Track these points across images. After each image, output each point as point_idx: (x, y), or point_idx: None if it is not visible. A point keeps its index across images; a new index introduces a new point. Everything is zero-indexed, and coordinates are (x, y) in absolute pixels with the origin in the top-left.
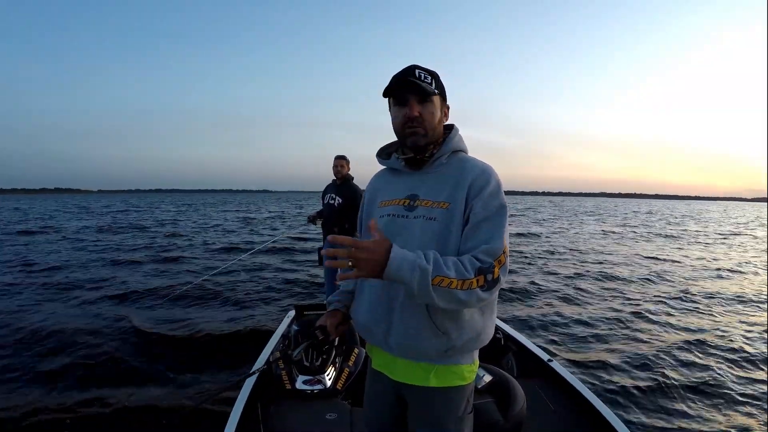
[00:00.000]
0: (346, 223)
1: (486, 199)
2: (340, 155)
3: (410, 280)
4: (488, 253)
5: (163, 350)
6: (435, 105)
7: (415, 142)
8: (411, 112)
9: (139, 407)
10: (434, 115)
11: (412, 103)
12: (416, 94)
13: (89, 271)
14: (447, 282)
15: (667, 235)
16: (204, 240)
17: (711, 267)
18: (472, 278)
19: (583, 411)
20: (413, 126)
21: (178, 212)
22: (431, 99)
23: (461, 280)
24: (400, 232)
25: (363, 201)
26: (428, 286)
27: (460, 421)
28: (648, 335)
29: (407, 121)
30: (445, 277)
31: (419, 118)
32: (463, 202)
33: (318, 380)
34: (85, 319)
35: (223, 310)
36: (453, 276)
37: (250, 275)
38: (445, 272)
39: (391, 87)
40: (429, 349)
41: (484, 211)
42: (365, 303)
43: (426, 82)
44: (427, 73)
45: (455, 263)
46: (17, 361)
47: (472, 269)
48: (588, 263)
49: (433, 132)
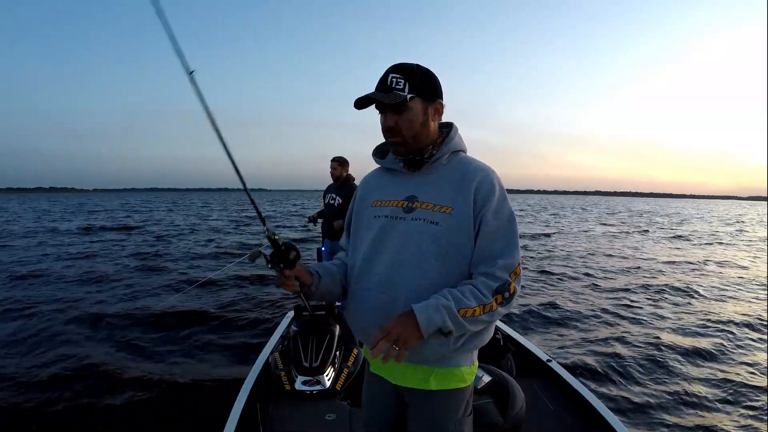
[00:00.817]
0: (341, 220)
1: (496, 207)
2: (335, 157)
3: (444, 322)
4: (505, 268)
5: (163, 351)
6: (413, 111)
7: (396, 152)
8: (386, 122)
9: (139, 408)
10: (413, 122)
11: (386, 114)
12: (387, 105)
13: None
14: (471, 312)
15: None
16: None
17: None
18: (491, 301)
19: (582, 411)
20: (391, 137)
21: (168, 211)
22: (407, 106)
23: (481, 305)
24: (397, 235)
25: (353, 199)
26: (459, 320)
27: (460, 422)
28: (648, 337)
29: (386, 132)
30: (468, 308)
31: (395, 128)
32: (470, 208)
33: (317, 381)
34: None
35: (221, 311)
36: (474, 305)
37: (249, 275)
38: (466, 303)
39: (356, 105)
40: (429, 351)
41: (495, 221)
42: (363, 306)
43: (398, 90)
44: (403, 78)
45: (472, 291)
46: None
47: (489, 292)
48: (588, 265)
49: (414, 139)
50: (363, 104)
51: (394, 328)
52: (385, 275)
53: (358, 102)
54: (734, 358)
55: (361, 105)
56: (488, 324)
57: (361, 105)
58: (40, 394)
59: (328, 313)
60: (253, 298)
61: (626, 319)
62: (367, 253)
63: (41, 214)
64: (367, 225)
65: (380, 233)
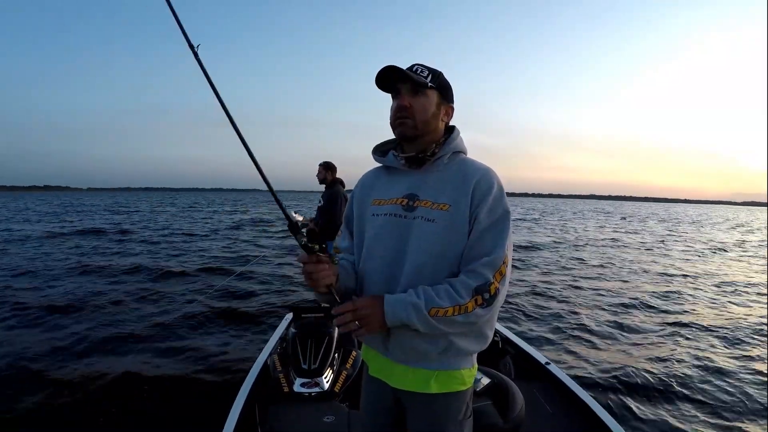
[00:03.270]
0: (320, 221)
1: (490, 205)
2: (321, 162)
3: (409, 319)
4: (489, 265)
5: (161, 353)
6: (429, 99)
7: (402, 133)
8: (401, 101)
9: (138, 409)
10: (426, 109)
11: (402, 94)
12: (406, 83)
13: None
14: (443, 312)
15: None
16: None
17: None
18: (467, 302)
19: (580, 414)
20: (402, 116)
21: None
22: (425, 92)
23: (455, 306)
24: (398, 233)
25: (350, 199)
26: (428, 319)
27: (461, 425)
28: (648, 338)
29: (397, 110)
30: (440, 307)
31: (409, 108)
32: (467, 207)
33: (315, 383)
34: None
35: (221, 313)
36: (447, 305)
37: (247, 277)
38: (438, 303)
39: (379, 74)
40: (430, 354)
41: (487, 219)
42: None
43: (421, 75)
44: (428, 70)
45: (446, 291)
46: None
47: (467, 292)
48: (590, 265)
49: (424, 126)
50: (384, 82)
51: (363, 309)
52: (387, 273)
53: (381, 77)
54: (741, 365)
55: (383, 82)
56: (466, 326)
57: (383, 82)
58: (40, 393)
59: (327, 315)
60: (252, 300)
61: (627, 323)
62: (368, 252)
63: (14, 213)
64: (368, 224)
65: (381, 231)
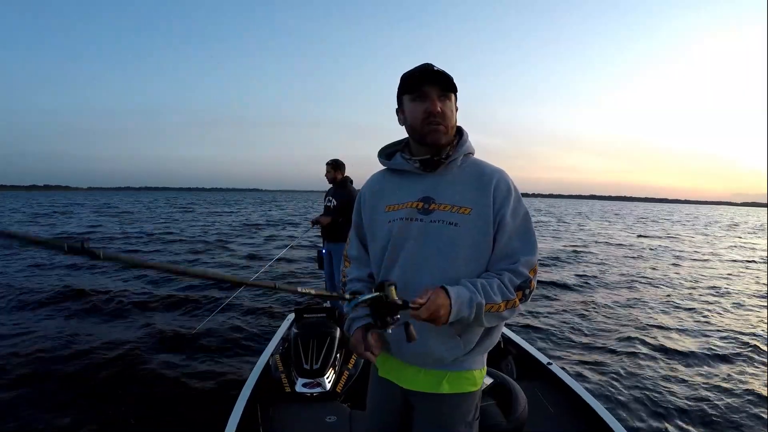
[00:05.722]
0: (340, 218)
1: (513, 207)
2: (328, 161)
3: (469, 316)
4: (527, 265)
5: (162, 353)
6: (453, 103)
7: (436, 140)
8: (433, 107)
9: (138, 410)
10: (453, 113)
11: (433, 98)
12: (438, 86)
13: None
14: (496, 307)
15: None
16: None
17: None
18: (514, 297)
19: (582, 414)
20: (436, 122)
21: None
22: (449, 96)
23: (506, 301)
24: (415, 237)
25: (360, 206)
26: (481, 317)
27: (470, 425)
28: (649, 339)
29: (428, 116)
30: (494, 303)
31: (444, 113)
32: (490, 209)
33: (317, 383)
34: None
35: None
36: (500, 301)
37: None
38: (494, 299)
39: (414, 78)
40: (444, 355)
41: (513, 221)
42: None
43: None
44: (445, 72)
45: (500, 287)
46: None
47: (513, 288)
48: (589, 265)
49: (452, 131)
50: (413, 81)
51: (435, 311)
52: (403, 278)
53: (413, 81)
54: (741, 367)
55: (414, 79)
56: (504, 320)
57: (414, 79)
58: (38, 392)
59: (329, 316)
60: (252, 300)
61: (628, 323)
62: (385, 260)
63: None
64: (382, 231)
65: (396, 237)
